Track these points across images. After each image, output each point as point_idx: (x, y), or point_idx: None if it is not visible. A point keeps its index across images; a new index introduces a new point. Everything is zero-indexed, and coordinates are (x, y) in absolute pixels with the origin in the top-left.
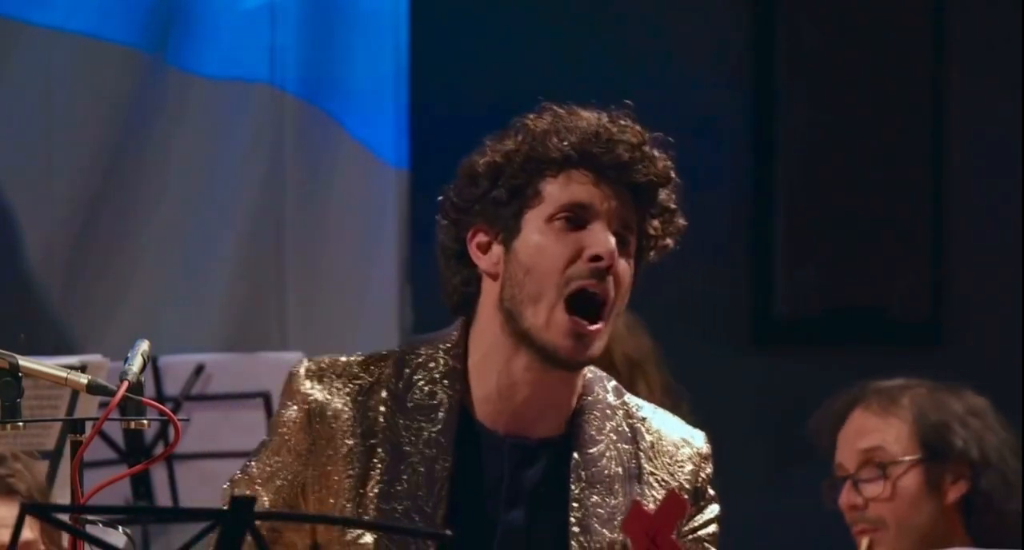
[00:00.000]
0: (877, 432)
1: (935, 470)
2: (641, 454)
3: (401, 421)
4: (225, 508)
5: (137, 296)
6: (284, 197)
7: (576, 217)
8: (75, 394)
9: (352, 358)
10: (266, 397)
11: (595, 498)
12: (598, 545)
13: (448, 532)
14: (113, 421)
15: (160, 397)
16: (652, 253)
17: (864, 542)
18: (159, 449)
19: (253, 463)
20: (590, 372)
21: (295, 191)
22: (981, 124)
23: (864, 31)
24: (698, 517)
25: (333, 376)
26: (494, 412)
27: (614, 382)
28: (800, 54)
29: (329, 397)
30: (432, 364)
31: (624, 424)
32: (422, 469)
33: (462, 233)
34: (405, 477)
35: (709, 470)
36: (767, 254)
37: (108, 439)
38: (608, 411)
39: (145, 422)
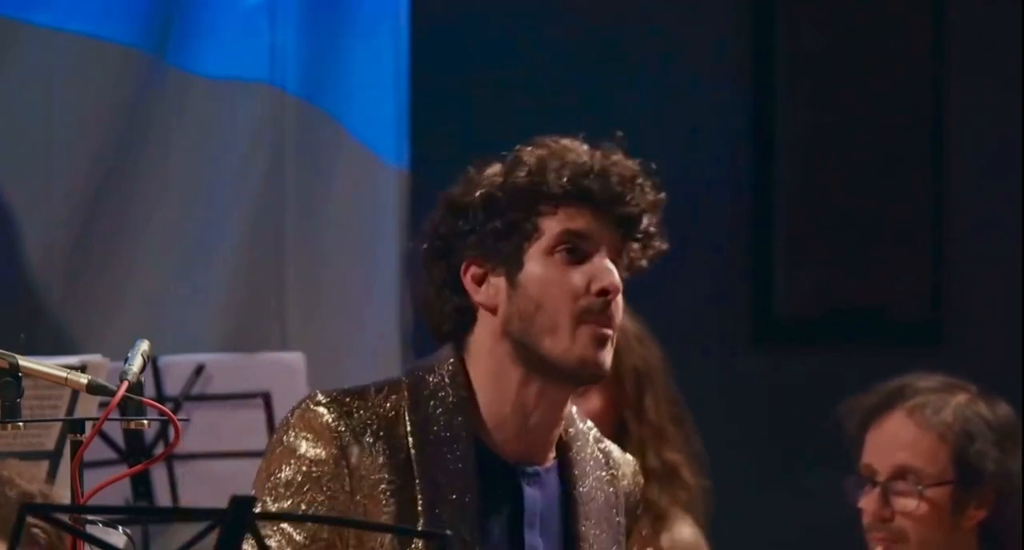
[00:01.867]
0: (916, 447)
1: (964, 494)
2: (614, 481)
3: (428, 452)
4: (225, 508)
5: (137, 296)
6: (284, 197)
7: (577, 249)
8: (75, 394)
9: (368, 389)
10: (266, 397)
11: (594, 532)
12: None
13: (448, 532)
14: (113, 421)
15: (160, 397)
16: (627, 273)
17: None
18: (159, 449)
19: (277, 504)
20: None
21: (295, 191)
22: (981, 124)
23: (864, 32)
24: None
25: (358, 410)
26: (503, 440)
27: (573, 408)
28: (800, 54)
29: (358, 432)
30: (442, 393)
31: (596, 450)
32: (455, 500)
33: (454, 264)
34: (444, 508)
35: (640, 493)
36: (767, 254)
37: (108, 439)
38: (584, 439)
39: (145, 422)
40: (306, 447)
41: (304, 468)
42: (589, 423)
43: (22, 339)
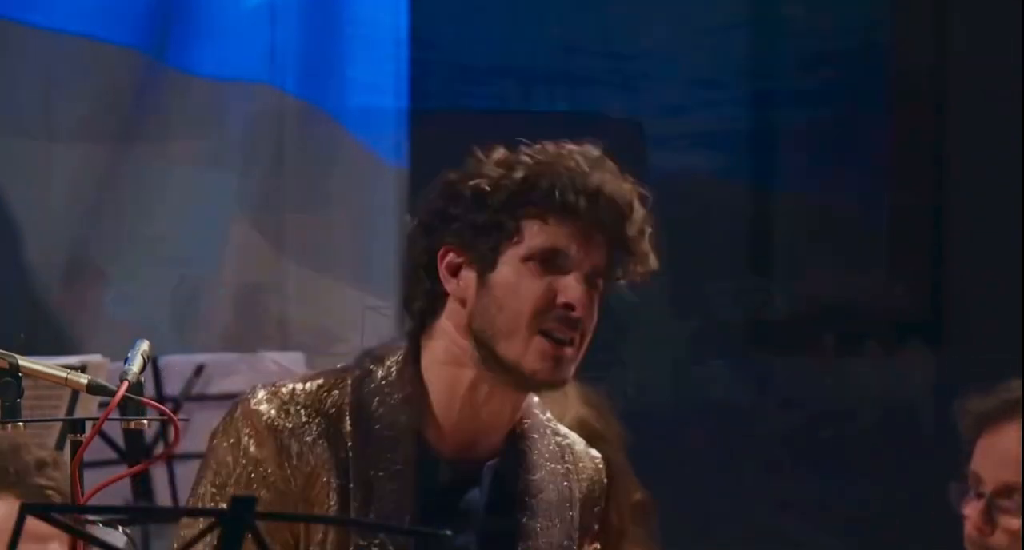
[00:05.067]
0: None
1: None
2: (571, 474)
3: (369, 452)
4: (225, 508)
5: (137, 296)
6: (284, 197)
7: (552, 262)
8: (75, 394)
9: (309, 385)
10: None
11: (538, 528)
12: None
13: (448, 532)
14: (113, 421)
15: (160, 397)
16: (611, 289)
17: None
18: (159, 449)
19: (225, 502)
20: None
21: (295, 191)
22: (981, 124)
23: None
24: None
25: (299, 407)
26: (444, 435)
27: (536, 397)
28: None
29: (299, 431)
30: (388, 389)
31: (553, 442)
32: (390, 503)
33: (434, 246)
34: (376, 509)
35: (601, 490)
36: (767, 254)
37: (108, 439)
38: (542, 429)
39: (145, 422)
40: (248, 444)
41: (250, 466)
42: (549, 415)
43: (22, 339)
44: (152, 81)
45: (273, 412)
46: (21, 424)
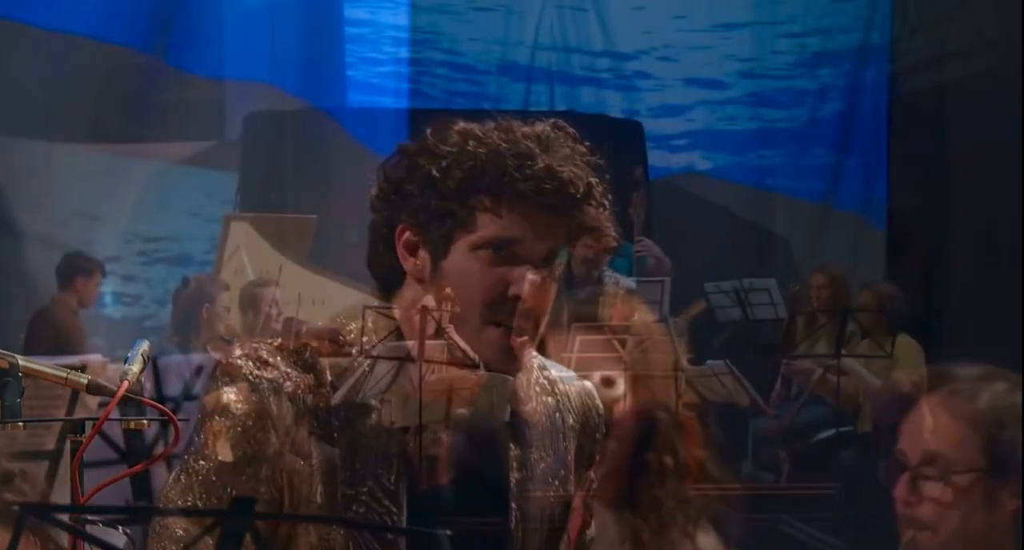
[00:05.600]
0: (947, 434)
1: (996, 483)
2: (562, 405)
3: (351, 398)
4: (225, 508)
5: (137, 296)
6: (284, 197)
7: (504, 252)
8: (75, 394)
9: (289, 340)
10: None
11: (533, 457)
12: (536, 504)
13: (448, 532)
14: (113, 421)
15: (160, 397)
16: (581, 265)
17: (908, 535)
18: (159, 449)
19: (208, 463)
20: None
21: (295, 191)
22: (980, 125)
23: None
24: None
25: (276, 359)
26: (424, 383)
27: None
28: None
29: (279, 383)
30: (365, 339)
31: (542, 376)
32: (376, 447)
33: (393, 222)
34: (363, 457)
35: (599, 417)
36: (767, 254)
37: (108, 439)
38: (526, 367)
39: (145, 422)
40: (227, 400)
41: (228, 421)
42: (533, 352)
43: (22, 339)
44: (152, 81)
45: (251, 365)
46: (21, 424)
